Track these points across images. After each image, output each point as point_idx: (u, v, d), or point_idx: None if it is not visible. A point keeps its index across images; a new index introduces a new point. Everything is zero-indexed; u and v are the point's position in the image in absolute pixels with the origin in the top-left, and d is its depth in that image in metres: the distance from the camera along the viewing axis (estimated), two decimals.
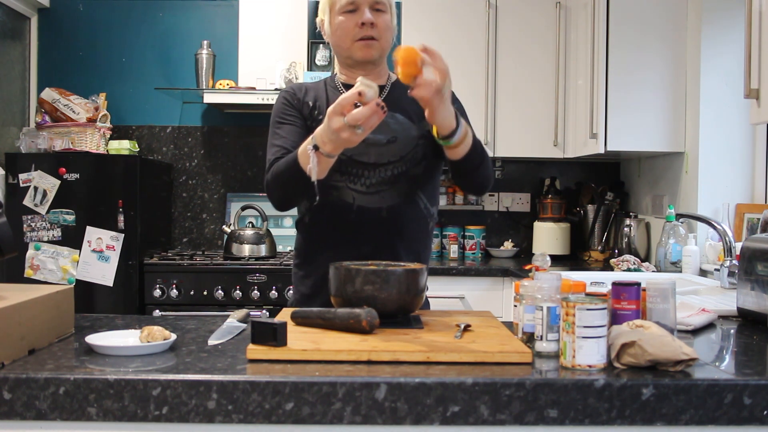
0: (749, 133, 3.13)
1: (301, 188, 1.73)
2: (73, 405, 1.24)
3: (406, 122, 1.93)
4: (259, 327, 1.40)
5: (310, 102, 1.95)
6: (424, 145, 1.92)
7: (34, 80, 4.01)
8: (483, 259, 3.93)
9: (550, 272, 1.46)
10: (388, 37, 1.91)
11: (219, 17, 4.06)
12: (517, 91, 3.76)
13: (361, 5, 1.86)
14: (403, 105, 1.93)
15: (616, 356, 1.33)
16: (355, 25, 1.86)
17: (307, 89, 1.98)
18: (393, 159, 1.90)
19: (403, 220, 1.91)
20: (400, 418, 1.24)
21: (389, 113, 1.78)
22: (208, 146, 4.08)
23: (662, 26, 3.27)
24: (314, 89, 1.98)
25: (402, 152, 1.91)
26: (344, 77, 1.98)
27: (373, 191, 1.89)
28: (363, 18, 1.85)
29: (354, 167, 1.88)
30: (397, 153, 1.90)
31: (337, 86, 1.98)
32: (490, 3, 3.74)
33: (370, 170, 1.89)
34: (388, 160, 1.90)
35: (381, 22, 1.87)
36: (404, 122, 1.93)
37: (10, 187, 3.39)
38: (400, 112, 1.94)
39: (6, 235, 1.52)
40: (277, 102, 1.99)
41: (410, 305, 1.65)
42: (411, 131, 1.93)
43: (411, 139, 1.92)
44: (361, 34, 1.87)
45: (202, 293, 3.35)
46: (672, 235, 3.15)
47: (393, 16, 1.93)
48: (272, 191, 1.87)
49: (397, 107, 1.93)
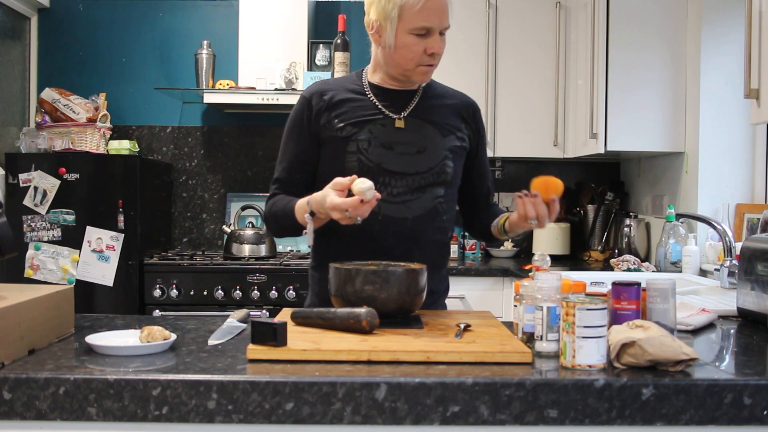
0: (749, 133, 3.13)
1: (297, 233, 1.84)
2: (73, 405, 1.24)
3: (435, 134, 1.91)
4: (259, 327, 1.41)
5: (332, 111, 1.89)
6: (451, 158, 1.91)
7: (34, 80, 4.01)
8: (483, 259, 3.93)
9: (550, 272, 1.46)
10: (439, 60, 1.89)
11: (219, 17, 4.06)
12: (517, 91, 3.76)
13: (433, 30, 1.83)
14: (434, 116, 1.92)
15: (616, 356, 1.33)
16: (423, 51, 1.82)
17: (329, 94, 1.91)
18: (421, 170, 1.87)
19: (427, 231, 1.90)
20: (400, 418, 1.24)
21: (419, 121, 1.89)
22: (208, 146, 4.08)
23: (662, 26, 3.27)
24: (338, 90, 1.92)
25: (430, 164, 1.88)
26: (378, 79, 1.93)
27: (398, 201, 1.86)
28: (434, 48, 1.82)
29: (381, 175, 1.85)
30: (425, 164, 1.88)
31: (364, 89, 1.92)
32: (490, 3, 3.74)
33: (397, 179, 1.86)
34: (416, 170, 1.87)
35: (444, 47, 1.87)
36: (433, 134, 1.91)
37: (10, 187, 3.39)
38: (431, 123, 1.91)
39: (6, 235, 1.52)
40: (296, 106, 1.96)
41: (410, 305, 1.65)
42: (439, 144, 1.90)
43: (439, 151, 1.89)
44: (427, 62, 1.84)
45: (202, 293, 3.35)
46: (672, 235, 3.15)
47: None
48: (270, 226, 1.96)
49: (428, 117, 1.91)
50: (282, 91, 3.64)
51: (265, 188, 4.03)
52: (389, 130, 1.87)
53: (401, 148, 1.86)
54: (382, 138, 1.86)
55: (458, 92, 2.02)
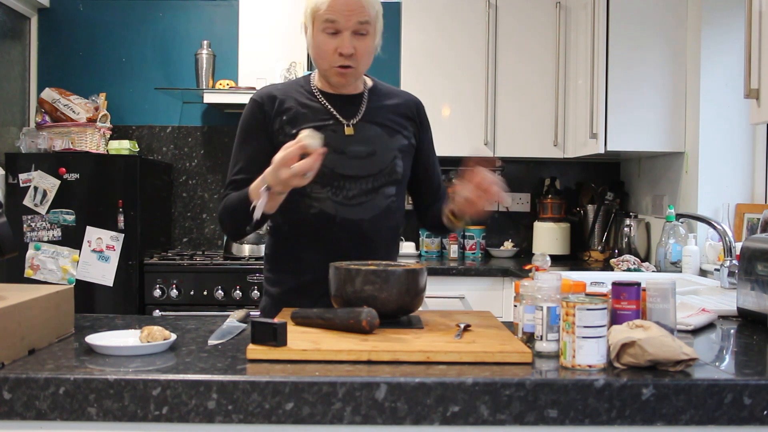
0: (749, 133, 3.13)
1: (249, 221, 1.75)
2: (73, 405, 1.24)
3: (383, 136, 1.93)
4: (259, 327, 1.41)
5: (284, 116, 1.91)
6: (400, 157, 1.94)
7: (34, 80, 4.01)
8: (483, 259, 3.93)
9: (550, 272, 1.46)
10: (368, 60, 1.87)
11: (219, 17, 4.06)
12: (518, 91, 3.76)
13: (342, 30, 1.80)
14: (380, 117, 1.94)
15: (616, 356, 1.33)
16: (334, 51, 1.81)
17: (280, 99, 1.93)
18: (373, 172, 1.90)
19: (381, 230, 1.93)
20: (400, 418, 1.24)
21: (367, 124, 1.92)
22: (208, 146, 4.08)
23: (662, 26, 3.27)
24: (288, 95, 1.94)
25: (381, 165, 1.91)
26: (320, 85, 1.95)
27: (354, 203, 1.88)
28: (342, 47, 1.80)
29: (336, 180, 1.87)
30: (377, 166, 1.90)
31: (313, 92, 1.94)
32: (490, 3, 3.74)
33: (351, 182, 1.89)
34: (368, 173, 1.90)
35: (361, 48, 1.83)
36: (382, 135, 1.93)
37: (10, 187, 3.39)
38: (377, 125, 1.93)
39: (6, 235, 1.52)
40: (247, 110, 1.99)
41: (410, 305, 1.65)
42: (388, 144, 1.93)
43: (389, 152, 1.92)
44: (339, 62, 1.82)
45: (202, 293, 3.35)
46: (672, 235, 3.15)
47: (377, 32, 1.87)
48: (223, 222, 1.94)
49: (374, 119, 1.93)
50: None
51: None
52: (340, 135, 1.89)
53: (353, 152, 1.89)
54: (334, 144, 1.85)
55: (402, 92, 2.05)
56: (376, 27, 1.86)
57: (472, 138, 3.74)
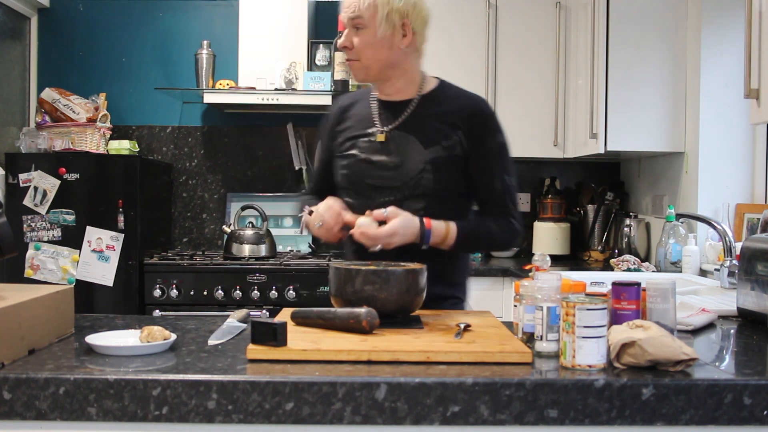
0: (749, 133, 3.13)
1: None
2: (73, 405, 1.24)
3: (416, 147, 1.85)
4: (259, 327, 1.41)
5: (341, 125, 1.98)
6: (431, 170, 1.83)
7: (34, 80, 4.01)
8: (483, 259, 3.92)
9: (550, 272, 1.46)
10: (371, 53, 1.82)
11: (219, 17, 4.05)
12: (517, 91, 3.75)
13: (345, 27, 1.85)
14: (421, 125, 1.87)
15: (616, 356, 1.33)
16: (340, 47, 1.89)
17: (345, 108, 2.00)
18: (396, 184, 1.85)
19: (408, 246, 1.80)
20: (400, 418, 1.24)
21: (402, 133, 1.87)
22: (208, 146, 4.08)
23: (662, 26, 3.27)
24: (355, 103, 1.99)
25: (405, 178, 1.84)
26: (376, 92, 1.97)
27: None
28: (340, 41, 1.87)
29: (365, 189, 1.88)
30: (400, 179, 1.85)
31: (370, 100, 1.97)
32: (490, 3, 3.74)
33: (377, 193, 1.86)
34: (390, 184, 1.86)
35: (359, 42, 1.82)
36: (414, 147, 1.85)
37: (10, 187, 3.39)
38: (414, 133, 1.86)
39: (6, 235, 1.52)
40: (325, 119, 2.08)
41: (410, 305, 1.65)
42: (418, 156, 1.84)
43: (416, 164, 1.84)
44: (345, 57, 1.91)
45: (202, 293, 3.34)
46: (672, 235, 3.15)
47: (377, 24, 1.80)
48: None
49: (413, 127, 1.87)
50: (282, 91, 3.64)
51: (265, 188, 4.03)
52: (373, 144, 1.88)
53: (381, 162, 1.87)
54: (366, 153, 1.88)
55: (464, 95, 1.94)
56: (375, 20, 1.80)
57: None
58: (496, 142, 1.88)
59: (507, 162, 1.90)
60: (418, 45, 1.88)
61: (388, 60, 1.84)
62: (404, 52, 1.85)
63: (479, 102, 1.93)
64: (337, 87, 3.64)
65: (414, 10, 1.82)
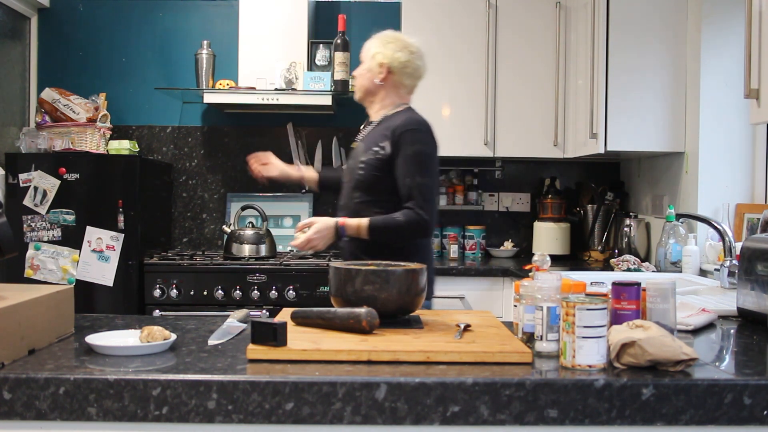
0: (749, 133, 3.13)
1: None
2: (73, 405, 1.24)
3: (362, 150, 2.41)
4: (259, 327, 1.41)
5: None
6: (364, 168, 2.36)
7: (34, 80, 4.01)
8: (483, 259, 3.93)
9: (550, 272, 1.46)
10: (359, 81, 2.48)
11: (219, 17, 4.05)
12: (518, 91, 3.75)
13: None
14: (370, 137, 2.42)
15: (616, 356, 1.33)
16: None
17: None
18: (348, 179, 2.44)
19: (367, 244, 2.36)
20: (400, 418, 1.24)
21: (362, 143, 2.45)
22: (208, 146, 4.08)
23: (662, 26, 3.27)
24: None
25: (352, 173, 2.41)
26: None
27: (342, 205, 2.48)
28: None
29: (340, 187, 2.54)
30: (349, 175, 2.42)
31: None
32: (490, 3, 3.74)
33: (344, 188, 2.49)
34: (347, 179, 2.45)
35: (356, 73, 2.51)
36: (361, 150, 2.42)
37: (10, 187, 3.39)
38: (365, 143, 2.41)
39: (6, 235, 1.52)
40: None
41: (410, 305, 1.65)
42: (361, 156, 2.39)
43: (358, 162, 2.40)
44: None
45: (202, 293, 3.34)
46: (672, 235, 3.15)
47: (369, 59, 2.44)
48: None
49: (368, 138, 2.42)
50: (282, 91, 3.64)
51: (265, 188, 4.02)
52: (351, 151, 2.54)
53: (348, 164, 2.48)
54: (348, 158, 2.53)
55: (402, 118, 2.38)
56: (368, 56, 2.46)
57: (472, 138, 3.74)
58: (413, 150, 2.31)
59: (422, 167, 2.31)
60: (394, 83, 2.44)
61: (367, 88, 2.47)
62: (380, 85, 2.44)
63: (409, 123, 2.35)
64: (337, 87, 3.64)
65: (394, 58, 2.41)
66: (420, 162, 2.30)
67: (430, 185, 2.31)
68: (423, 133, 2.34)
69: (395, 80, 2.42)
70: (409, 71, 2.43)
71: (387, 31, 2.48)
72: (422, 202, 2.27)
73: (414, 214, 2.26)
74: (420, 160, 2.30)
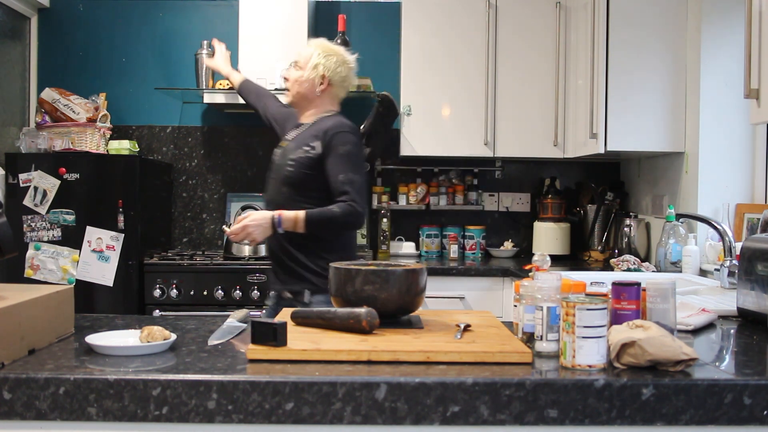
0: (749, 133, 3.13)
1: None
2: (73, 405, 1.24)
3: (292, 149, 2.50)
4: (259, 327, 1.41)
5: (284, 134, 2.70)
6: (293, 165, 2.46)
7: (34, 80, 4.01)
8: (483, 259, 3.93)
9: (550, 272, 1.46)
10: (296, 87, 2.55)
11: (219, 17, 4.05)
12: (517, 91, 3.76)
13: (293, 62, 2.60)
14: (300, 137, 2.53)
15: (616, 356, 1.33)
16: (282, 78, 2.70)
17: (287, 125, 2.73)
18: (276, 175, 2.53)
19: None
20: (400, 418, 1.24)
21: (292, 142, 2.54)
22: (208, 146, 4.08)
23: (662, 26, 3.27)
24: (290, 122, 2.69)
25: (280, 169, 2.51)
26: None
27: (267, 199, 2.59)
28: (283, 74, 2.64)
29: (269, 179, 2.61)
30: (279, 171, 2.52)
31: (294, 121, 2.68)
32: (490, 3, 3.74)
33: (269, 181, 2.58)
34: (275, 175, 2.54)
35: (290, 77, 2.58)
36: (291, 148, 2.51)
37: (10, 187, 3.39)
38: (295, 143, 2.51)
39: (6, 235, 1.52)
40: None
41: (410, 305, 1.65)
42: (290, 155, 2.49)
43: (287, 160, 2.49)
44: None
45: (202, 293, 3.35)
46: (672, 235, 3.15)
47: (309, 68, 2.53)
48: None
49: (296, 138, 2.53)
50: (282, 91, 3.62)
51: None
52: (279, 150, 2.60)
53: (276, 162, 2.56)
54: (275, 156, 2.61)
55: (331, 121, 2.51)
56: (308, 65, 2.54)
57: (473, 138, 3.74)
58: (345, 150, 2.44)
59: (352, 165, 2.44)
60: (331, 94, 2.58)
61: (304, 96, 2.56)
62: (318, 96, 2.55)
63: (339, 125, 2.49)
64: None
65: (335, 72, 2.54)
66: (351, 161, 2.45)
67: (360, 181, 2.45)
68: (353, 135, 2.50)
69: (332, 91, 2.58)
70: (345, 85, 2.61)
71: (324, 41, 2.61)
72: (355, 195, 2.41)
73: (348, 207, 2.39)
74: (351, 159, 2.46)
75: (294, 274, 2.47)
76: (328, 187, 2.44)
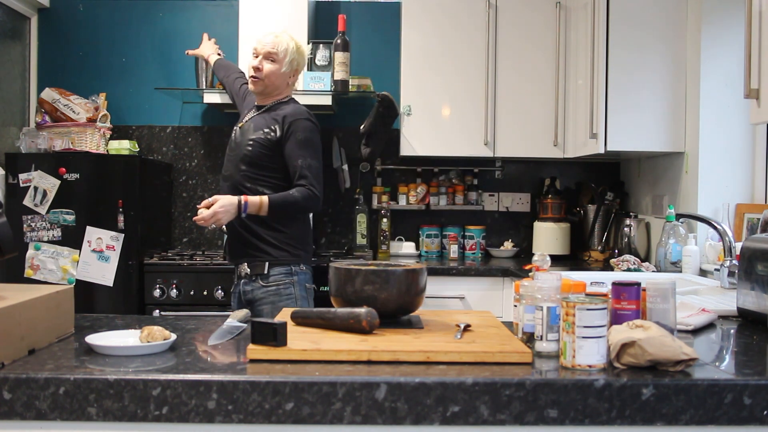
0: (749, 133, 3.13)
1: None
2: (73, 405, 1.24)
3: (252, 128, 2.68)
4: (259, 327, 1.41)
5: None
6: (252, 145, 2.64)
7: (34, 80, 4.01)
8: (483, 259, 3.93)
9: (550, 272, 1.46)
10: (273, 79, 2.69)
11: (219, 17, 4.05)
12: (517, 91, 3.76)
13: (259, 54, 2.71)
14: (260, 119, 2.69)
15: (616, 356, 1.33)
16: (250, 67, 2.71)
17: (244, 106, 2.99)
18: (236, 152, 2.70)
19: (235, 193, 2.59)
20: (400, 418, 1.24)
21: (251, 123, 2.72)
22: (208, 146, 4.08)
23: (662, 26, 3.27)
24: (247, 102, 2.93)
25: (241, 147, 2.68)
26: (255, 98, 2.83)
27: (227, 175, 2.73)
28: (253, 64, 2.70)
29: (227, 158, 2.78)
30: (238, 150, 2.69)
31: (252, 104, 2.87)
32: (490, 3, 3.74)
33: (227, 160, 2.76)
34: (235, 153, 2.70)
35: (267, 69, 2.68)
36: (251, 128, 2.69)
37: (10, 187, 3.39)
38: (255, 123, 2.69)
39: (6, 235, 1.52)
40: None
41: (410, 305, 1.65)
42: (250, 135, 2.67)
43: (247, 139, 2.67)
44: (251, 74, 2.71)
45: (202, 293, 3.34)
46: (672, 235, 3.15)
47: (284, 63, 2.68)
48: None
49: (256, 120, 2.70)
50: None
51: None
52: (237, 129, 2.79)
53: (235, 140, 2.74)
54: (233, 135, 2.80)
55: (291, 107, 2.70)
56: (284, 61, 2.69)
57: (473, 138, 3.74)
58: (303, 136, 2.63)
59: (309, 151, 2.62)
60: (293, 82, 2.79)
61: (277, 86, 2.71)
62: (287, 84, 2.75)
63: (298, 113, 2.67)
64: (337, 87, 3.64)
65: (303, 65, 2.79)
66: (309, 147, 2.63)
67: (317, 166, 2.64)
68: (310, 122, 2.68)
69: (294, 80, 2.81)
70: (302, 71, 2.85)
71: (289, 35, 2.74)
72: (313, 180, 2.60)
73: (307, 191, 2.57)
74: (309, 145, 2.64)
75: (251, 246, 2.63)
76: (285, 168, 2.63)
